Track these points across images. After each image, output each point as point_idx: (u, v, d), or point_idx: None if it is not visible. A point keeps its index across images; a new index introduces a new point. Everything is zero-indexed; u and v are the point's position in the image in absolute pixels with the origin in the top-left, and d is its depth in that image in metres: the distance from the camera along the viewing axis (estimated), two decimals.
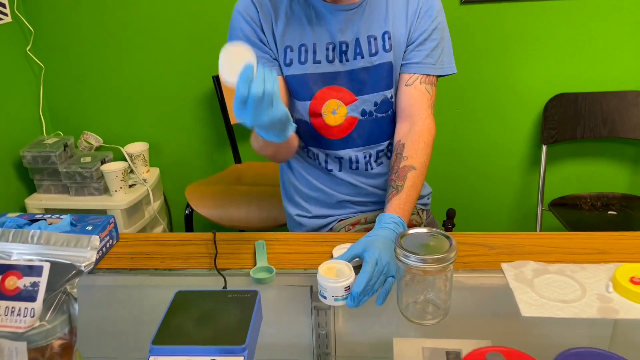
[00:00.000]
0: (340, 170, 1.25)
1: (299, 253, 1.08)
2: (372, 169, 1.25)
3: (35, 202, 2.03)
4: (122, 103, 2.20)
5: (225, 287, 0.95)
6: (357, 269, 0.93)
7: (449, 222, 1.19)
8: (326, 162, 1.25)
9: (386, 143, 1.24)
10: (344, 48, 1.14)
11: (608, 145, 2.09)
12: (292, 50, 1.15)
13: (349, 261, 0.95)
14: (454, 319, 0.91)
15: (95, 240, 0.67)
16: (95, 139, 2.21)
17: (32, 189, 2.10)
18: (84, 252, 0.66)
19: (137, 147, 2.16)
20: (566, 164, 2.13)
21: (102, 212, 2.00)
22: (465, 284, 1.00)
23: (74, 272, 0.66)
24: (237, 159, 2.09)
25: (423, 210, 1.35)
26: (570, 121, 2.03)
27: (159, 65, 2.13)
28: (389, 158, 1.25)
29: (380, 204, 1.23)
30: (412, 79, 1.17)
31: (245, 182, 1.90)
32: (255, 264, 1.04)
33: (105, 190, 2.01)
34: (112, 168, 1.96)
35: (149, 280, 1.04)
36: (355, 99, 1.18)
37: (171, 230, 2.33)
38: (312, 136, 1.23)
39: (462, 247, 1.08)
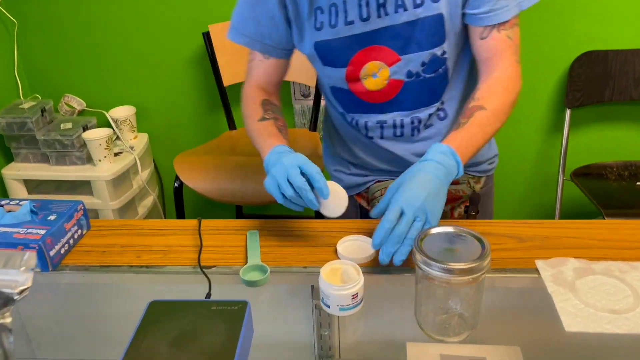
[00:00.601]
0: (382, 137, 1.10)
1: (299, 246, 0.93)
2: (418, 133, 1.09)
3: (13, 172, 1.87)
4: (106, 62, 2.01)
5: (209, 293, 0.80)
6: None
7: (472, 209, 1.03)
8: (366, 128, 1.10)
9: (438, 103, 1.07)
10: (381, 0, 0.95)
11: (639, 109, 1.91)
12: (322, 12, 0.99)
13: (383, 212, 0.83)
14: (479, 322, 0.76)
15: (32, 259, 0.52)
16: (77, 102, 2.03)
17: (9, 157, 1.94)
18: (15, 274, 0.51)
19: (122, 112, 1.98)
20: (591, 129, 1.96)
21: (86, 183, 1.84)
22: (493, 285, 0.84)
23: (2, 301, 0.51)
24: (232, 125, 1.92)
25: (479, 177, 1.16)
26: (598, 82, 1.84)
27: (146, 21, 1.92)
28: (441, 119, 1.08)
29: None
30: (487, 32, 0.97)
31: (241, 151, 1.73)
32: (246, 261, 0.88)
33: (89, 160, 1.85)
34: (95, 135, 1.79)
35: (122, 280, 0.89)
36: (398, 59, 1.00)
37: (163, 202, 2.18)
38: (350, 101, 1.08)
39: (488, 238, 0.92)
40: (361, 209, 1.23)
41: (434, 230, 0.73)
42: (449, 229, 0.73)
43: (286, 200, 0.88)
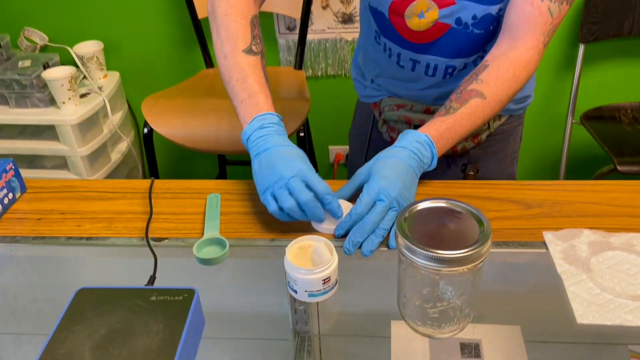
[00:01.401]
0: (413, 70, 0.96)
1: (267, 213, 0.79)
2: (450, 76, 0.95)
3: None
4: None
5: (153, 276, 0.67)
6: None
7: (470, 168, 0.88)
8: (399, 57, 0.95)
9: (477, 55, 0.92)
10: None
11: None
12: None
13: (353, 194, 0.75)
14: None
15: None
16: (39, 37, 1.84)
17: None
18: None
19: (89, 47, 1.79)
20: (606, 67, 1.77)
21: (50, 128, 1.69)
22: (492, 259, 0.71)
23: None
24: (208, 62, 1.73)
25: (499, 115, 1.01)
26: (618, 14, 1.64)
27: None
28: (476, 64, 0.93)
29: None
30: None
31: (217, 92, 1.56)
32: (203, 232, 0.75)
33: (52, 102, 1.68)
34: (56, 75, 1.61)
35: (57, 253, 0.77)
36: (453, 2, 0.84)
37: (140, 147, 2.03)
38: (387, 30, 0.93)
39: (488, 204, 0.79)
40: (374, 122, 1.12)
41: (422, 206, 0.59)
42: (439, 203, 0.59)
43: (281, 212, 0.72)
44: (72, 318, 0.58)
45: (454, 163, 1.00)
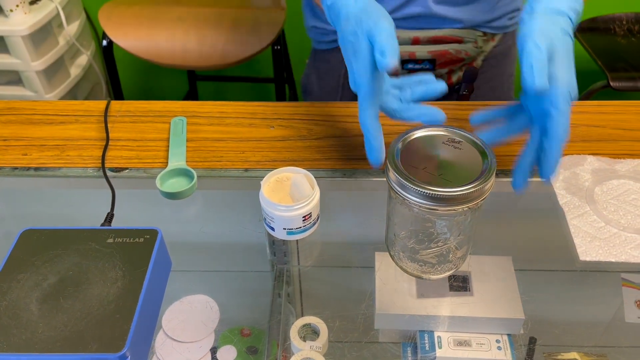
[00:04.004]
0: None
1: (240, 140, 0.71)
2: None
3: None
4: None
5: (111, 213, 0.59)
6: None
7: (465, 87, 0.79)
8: None
9: None
10: None
11: None
12: None
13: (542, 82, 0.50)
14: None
15: None
16: None
17: None
18: None
19: None
20: None
21: (0, 39, 1.52)
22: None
23: None
24: None
25: (493, 35, 0.89)
26: None
27: None
28: None
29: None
30: None
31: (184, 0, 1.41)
32: (168, 161, 0.67)
33: None
34: None
35: (1, 185, 0.68)
36: None
37: (103, 61, 1.86)
38: None
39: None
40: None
41: (418, 134, 0.51)
42: (438, 131, 0.51)
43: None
44: (16, 264, 0.51)
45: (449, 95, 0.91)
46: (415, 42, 0.86)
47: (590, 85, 1.49)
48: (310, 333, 0.54)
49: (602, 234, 0.59)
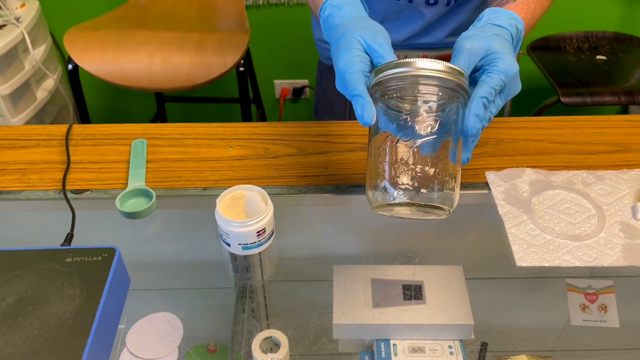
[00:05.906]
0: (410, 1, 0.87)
1: (198, 160, 0.74)
2: (455, 1, 0.88)
3: None
4: None
5: (70, 233, 0.61)
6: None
7: None
8: None
9: None
10: None
11: None
12: None
13: (466, 69, 0.54)
14: (415, 243, 0.65)
15: None
16: None
17: None
18: None
19: None
20: None
21: None
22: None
23: None
24: None
25: None
26: None
27: None
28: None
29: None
30: None
31: (149, 23, 1.44)
32: (127, 182, 0.69)
33: None
34: None
35: None
36: None
37: (70, 85, 1.87)
38: None
39: None
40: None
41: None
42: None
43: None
44: None
45: None
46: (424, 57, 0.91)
47: (543, 102, 1.56)
48: (272, 345, 0.57)
49: (538, 241, 0.63)
